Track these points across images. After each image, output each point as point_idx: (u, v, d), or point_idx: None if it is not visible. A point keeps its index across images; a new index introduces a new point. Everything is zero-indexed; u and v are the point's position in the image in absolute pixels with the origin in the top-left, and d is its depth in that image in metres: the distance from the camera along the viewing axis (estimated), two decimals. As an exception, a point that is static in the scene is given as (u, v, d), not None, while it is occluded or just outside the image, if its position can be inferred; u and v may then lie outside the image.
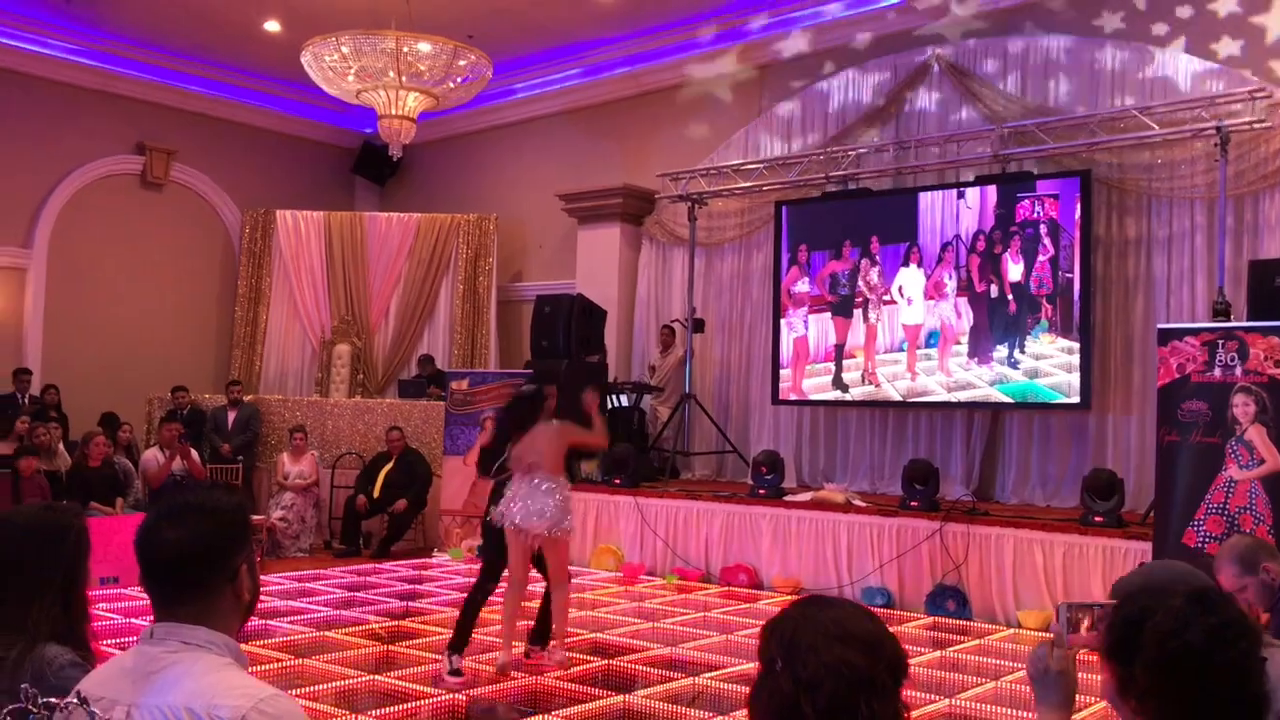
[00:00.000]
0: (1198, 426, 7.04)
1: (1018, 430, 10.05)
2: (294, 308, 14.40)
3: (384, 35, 10.09)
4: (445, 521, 11.08)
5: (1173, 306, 9.25)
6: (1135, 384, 9.42)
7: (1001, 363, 9.74)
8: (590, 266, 12.97)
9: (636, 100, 13.03)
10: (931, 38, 10.67)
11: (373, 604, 8.15)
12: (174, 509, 1.97)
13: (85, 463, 9.83)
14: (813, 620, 1.73)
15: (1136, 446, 9.30)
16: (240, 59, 13.76)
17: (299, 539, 11.04)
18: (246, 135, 14.83)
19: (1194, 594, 1.94)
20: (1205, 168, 8.99)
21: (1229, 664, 1.84)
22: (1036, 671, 2.18)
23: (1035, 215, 9.63)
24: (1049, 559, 7.86)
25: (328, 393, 13.60)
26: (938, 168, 10.50)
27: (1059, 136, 9.60)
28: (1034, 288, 9.61)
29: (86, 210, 13.42)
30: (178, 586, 1.92)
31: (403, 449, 11.26)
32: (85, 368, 12.82)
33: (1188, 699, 1.83)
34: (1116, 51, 9.67)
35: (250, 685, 1.86)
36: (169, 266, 14.08)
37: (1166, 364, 7.25)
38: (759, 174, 11.45)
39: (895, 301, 10.41)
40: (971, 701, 5.67)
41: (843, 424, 11.14)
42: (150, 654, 1.88)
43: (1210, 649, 1.83)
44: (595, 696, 5.69)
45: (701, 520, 9.60)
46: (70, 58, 13.07)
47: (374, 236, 14.25)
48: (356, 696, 5.63)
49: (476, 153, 14.83)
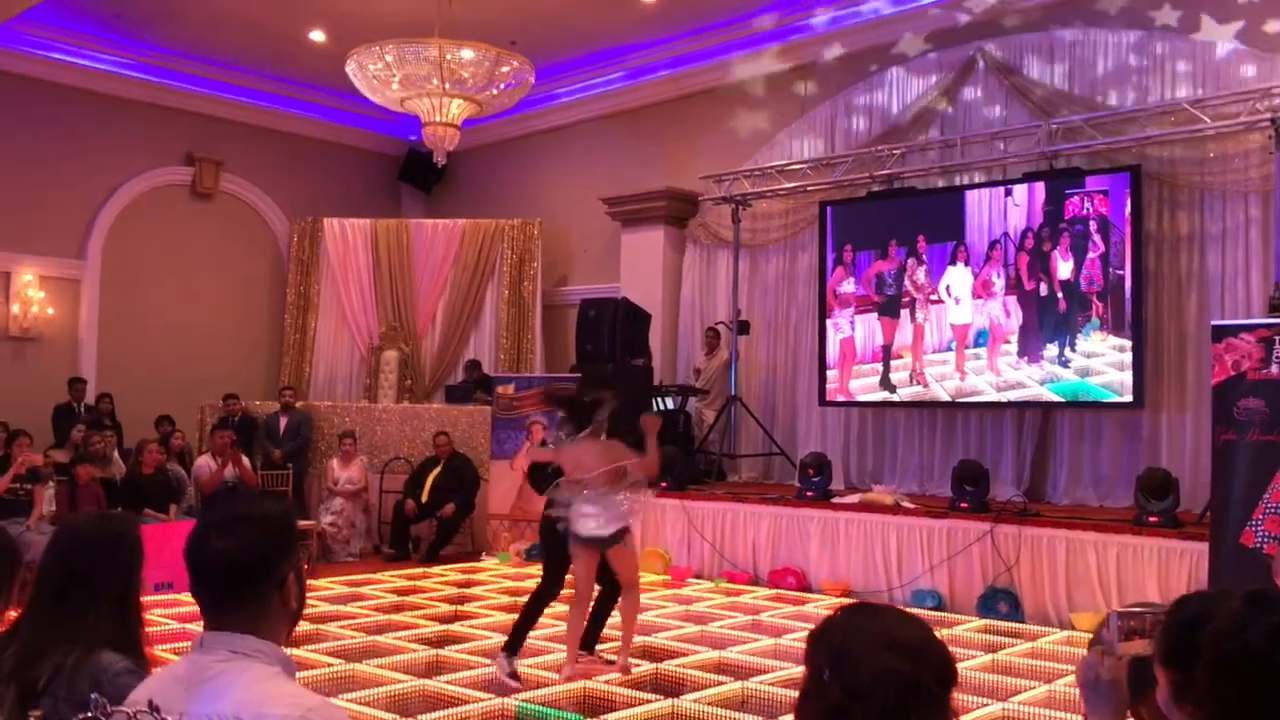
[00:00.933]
0: (1254, 425, 6.90)
1: (1069, 430, 9.91)
2: (342, 315, 14.54)
3: (427, 43, 10.15)
4: (493, 525, 11.13)
5: (1227, 303, 9.08)
6: (1189, 382, 9.25)
7: (1052, 361, 9.62)
8: (634, 270, 12.97)
9: (679, 103, 13.02)
10: (978, 34, 10.56)
11: (422, 608, 8.19)
12: (223, 519, 2.00)
13: (139, 470, 9.99)
14: (860, 629, 1.72)
15: (1191, 445, 9.14)
16: (286, 69, 13.92)
17: (349, 544, 11.14)
18: (293, 144, 15.00)
19: (1252, 595, 1.90)
20: (1259, 160, 8.83)
21: None
22: (1087, 680, 2.14)
23: (1084, 212, 9.50)
24: (1102, 560, 7.74)
25: (376, 398, 13.72)
26: (984, 165, 10.39)
27: (1108, 131, 9.47)
28: (1084, 285, 9.48)
29: (138, 221, 13.64)
30: (227, 595, 1.95)
31: (450, 453, 11.33)
32: (138, 376, 13.02)
33: (1248, 701, 1.80)
34: (1166, 44, 9.51)
35: (298, 694, 1.88)
36: (219, 275, 14.27)
37: (1221, 361, 7.11)
38: (803, 174, 11.40)
39: (943, 301, 10.32)
40: (1024, 705, 5.59)
41: (890, 425, 11.05)
42: (201, 662, 1.91)
43: (1271, 649, 1.79)
44: (643, 701, 5.68)
45: (749, 523, 9.56)
46: (120, 71, 13.30)
47: (420, 243, 14.36)
48: (407, 701, 5.66)
49: (520, 158, 14.89)
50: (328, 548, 10.93)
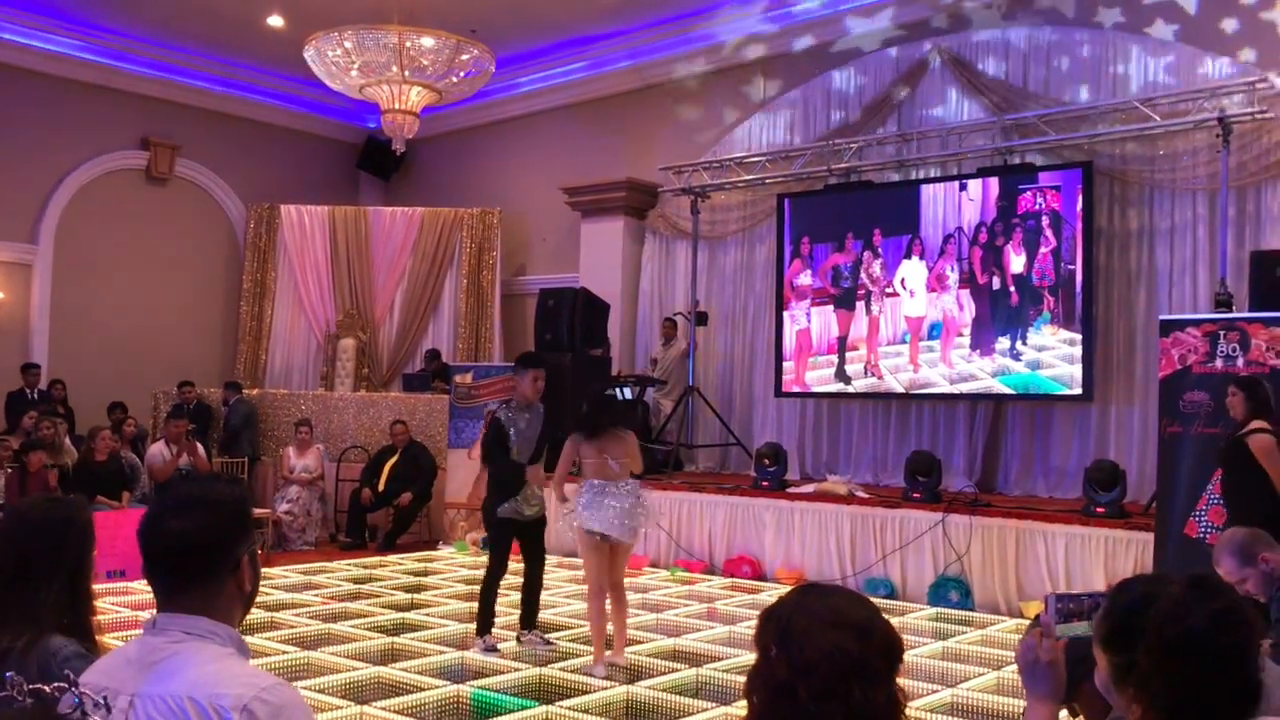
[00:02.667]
0: (1199, 417, 7.05)
1: (1020, 422, 10.06)
2: (299, 302, 14.44)
3: (387, 30, 10.11)
4: (450, 514, 11.12)
5: (1175, 298, 9.25)
6: (1138, 375, 9.42)
7: (1004, 354, 9.76)
8: (593, 260, 12.98)
9: (639, 94, 13.04)
10: (935, 31, 10.67)
11: (378, 596, 8.19)
12: (177, 500, 2.00)
13: (92, 457, 9.88)
14: (808, 607, 1.76)
15: (1139, 438, 9.31)
16: (244, 54, 13.78)
17: (304, 532, 11.09)
18: (251, 130, 14.85)
19: (1194, 579, 1.96)
20: (1207, 159, 8.99)
21: (1230, 648, 1.86)
22: (1026, 662, 2.19)
23: (1037, 207, 9.63)
24: (1051, 550, 7.87)
25: (333, 386, 13.65)
26: (940, 160, 10.50)
27: (1061, 128, 9.61)
28: (1036, 279, 9.61)
29: (92, 205, 13.46)
30: (181, 577, 1.95)
31: (407, 442, 11.30)
32: (91, 363, 12.87)
33: (1189, 683, 1.85)
34: (1118, 42, 9.66)
35: (253, 674, 1.89)
36: (174, 261, 14.12)
37: (1168, 355, 7.26)
38: (761, 167, 11.47)
39: (898, 294, 10.43)
40: (974, 692, 5.69)
41: (845, 416, 11.15)
42: (153, 644, 1.91)
43: (1212, 633, 1.85)
44: (599, 688, 5.72)
45: (705, 512, 9.62)
46: (74, 54, 13.10)
47: (378, 231, 14.29)
48: (363, 689, 5.67)
49: (480, 147, 14.84)
50: (283, 536, 10.88)
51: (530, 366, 6.74)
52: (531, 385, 6.64)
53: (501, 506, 6.60)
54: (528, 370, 6.70)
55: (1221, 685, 1.86)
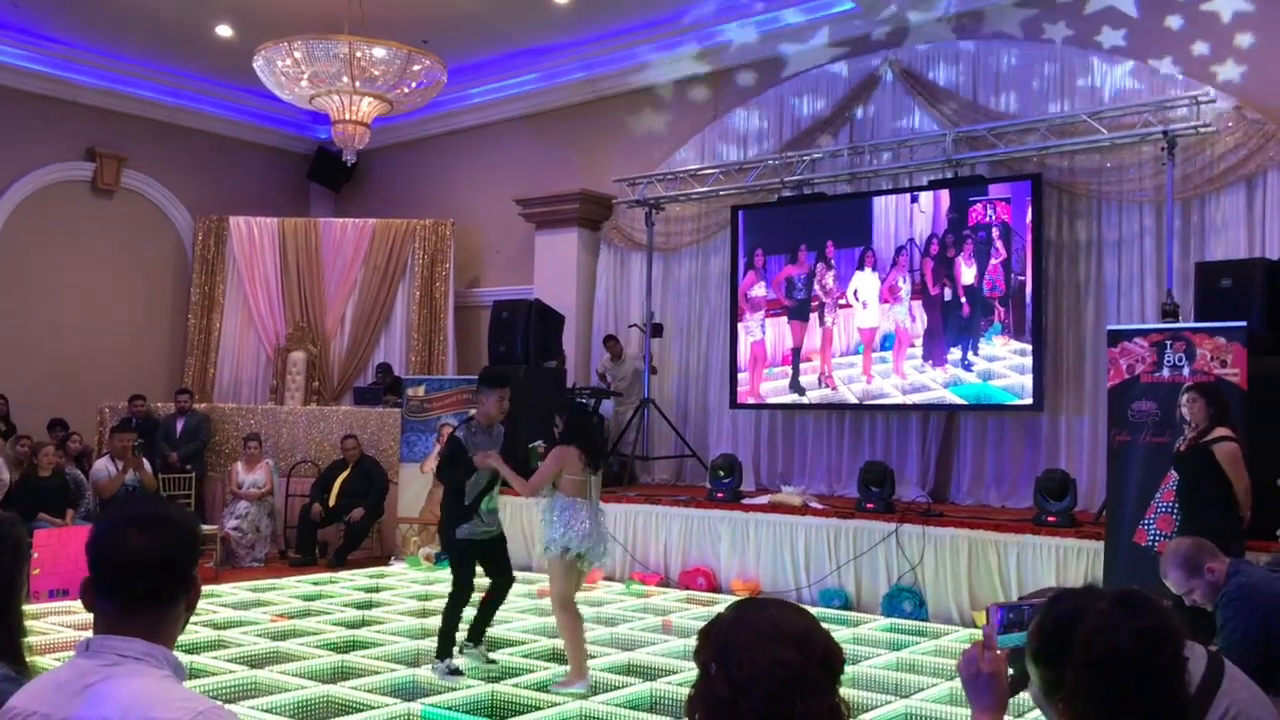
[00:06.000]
0: (1147, 426, 7.14)
1: (972, 432, 10.14)
2: (248, 315, 14.26)
3: (337, 40, 10.02)
4: (402, 529, 11.01)
5: (1123, 308, 9.38)
6: (1087, 385, 9.53)
7: (955, 365, 9.83)
8: (548, 272, 12.94)
9: (593, 105, 13.03)
10: (885, 44, 10.76)
11: (329, 613, 8.07)
12: (138, 517, 1.94)
13: (35, 473, 9.68)
14: (746, 621, 1.74)
15: (1089, 447, 9.41)
16: (192, 64, 13.61)
17: (254, 549, 10.92)
18: (199, 141, 14.66)
19: (1120, 596, 1.97)
20: (1153, 171, 9.13)
21: (1156, 666, 1.87)
22: (969, 674, 2.19)
23: (987, 219, 9.72)
24: (1003, 559, 7.93)
25: (283, 400, 13.48)
26: (892, 172, 10.58)
27: (1010, 141, 9.71)
28: (987, 290, 9.70)
29: (35, 217, 13.19)
30: (138, 595, 1.90)
31: (359, 457, 11.18)
32: (34, 378, 12.60)
33: (1115, 700, 1.86)
34: (1065, 58, 9.79)
35: (188, 698, 1.84)
36: (121, 274, 13.88)
37: (1116, 365, 7.35)
38: (715, 179, 11.49)
39: (851, 305, 10.48)
40: (927, 703, 5.70)
41: (800, 427, 11.18)
42: (85, 667, 1.85)
43: (1138, 651, 1.86)
44: (552, 704, 5.66)
45: (660, 524, 9.60)
46: (18, 63, 12.85)
47: (329, 243, 14.15)
48: (312, 708, 5.57)
49: (432, 158, 14.76)
50: (232, 552, 10.70)
51: (496, 386, 6.49)
52: (497, 405, 6.42)
53: (460, 528, 6.39)
54: (494, 390, 6.46)
55: (1146, 703, 1.87)
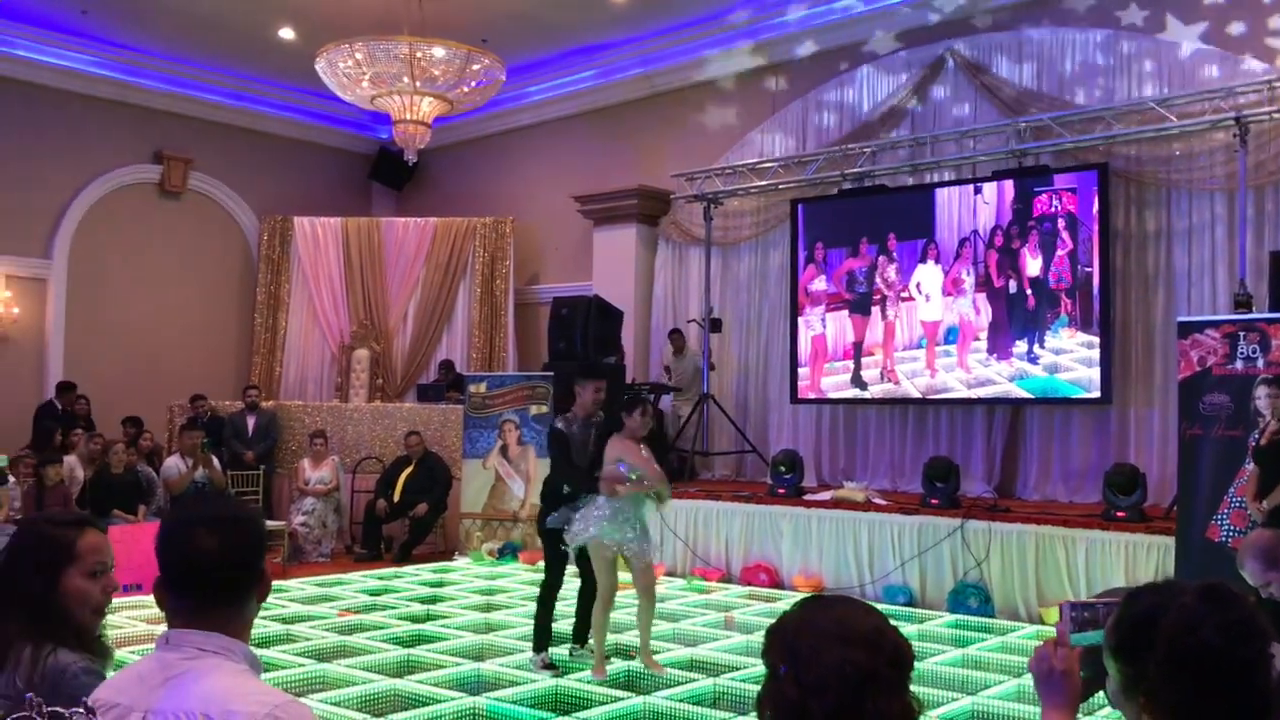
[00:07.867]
0: (1220, 420, 6.99)
1: (1038, 426, 9.99)
2: (313, 314, 14.47)
3: (397, 41, 10.12)
4: (465, 525, 11.10)
5: (1194, 299, 9.17)
6: (1156, 378, 9.34)
7: (1021, 358, 9.69)
8: (606, 268, 12.97)
9: (650, 101, 13.03)
10: (947, 33, 10.62)
11: (394, 608, 8.16)
12: (208, 517, 1.98)
13: (108, 470, 9.90)
14: (813, 622, 1.73)
15: (1159, 440, 9.23)
16: (256, 67, 13.83)
17: (320, 544, 11.07)
18: (263, 143, 14.90)
19: (1205, 589, 1.93)
20: (1225, 159, 8.92)
21: (1242, 661, 1.84)
22: (1040, 671, 2.16)
23: (1053, 209, 9.57)
24: (1071, 555, 7.81)
25: (347, 398, 13.66)
26: (954, 164, 10.45)
27: (1076, 130, 9.55)
28: (1053, 282, 9.55)
29: (105, 220, 13.51)
30: (216, 590, 1.94)
31: (422, 453, 11.28)
32: (106, 377, 12.89)
33: (1200, 695, 1.83)
34: (1133, 43, 9.60)
35: (265, 691, 1.87)
36: (188, 275, 14.16)
37: (1187, 357, 7.19)
38: (774, 172, 11.43)
39: (913, 298, 10.37)
40: (994, 700, 5.63)
41: (862, 422, 11.10)
42: (166, 660, 1.89)
43: (1224, 646, 1.83)
44: (616, 700, 5.68)
45: (721, 520, 9.58)
46: (88, 69, 13.16)
47: (391, 241, 14.31)
48: (379, 702, 5.64)
49: (492, 156, 14.86)
50: (299, 548, 10.86)
51: (591, 378, 6.68)
52: (593, 396, 6.59)
53: (550, 517, 6.46)
54: (589, 381, 6.64)
55: (1231, 698, 1.83)
